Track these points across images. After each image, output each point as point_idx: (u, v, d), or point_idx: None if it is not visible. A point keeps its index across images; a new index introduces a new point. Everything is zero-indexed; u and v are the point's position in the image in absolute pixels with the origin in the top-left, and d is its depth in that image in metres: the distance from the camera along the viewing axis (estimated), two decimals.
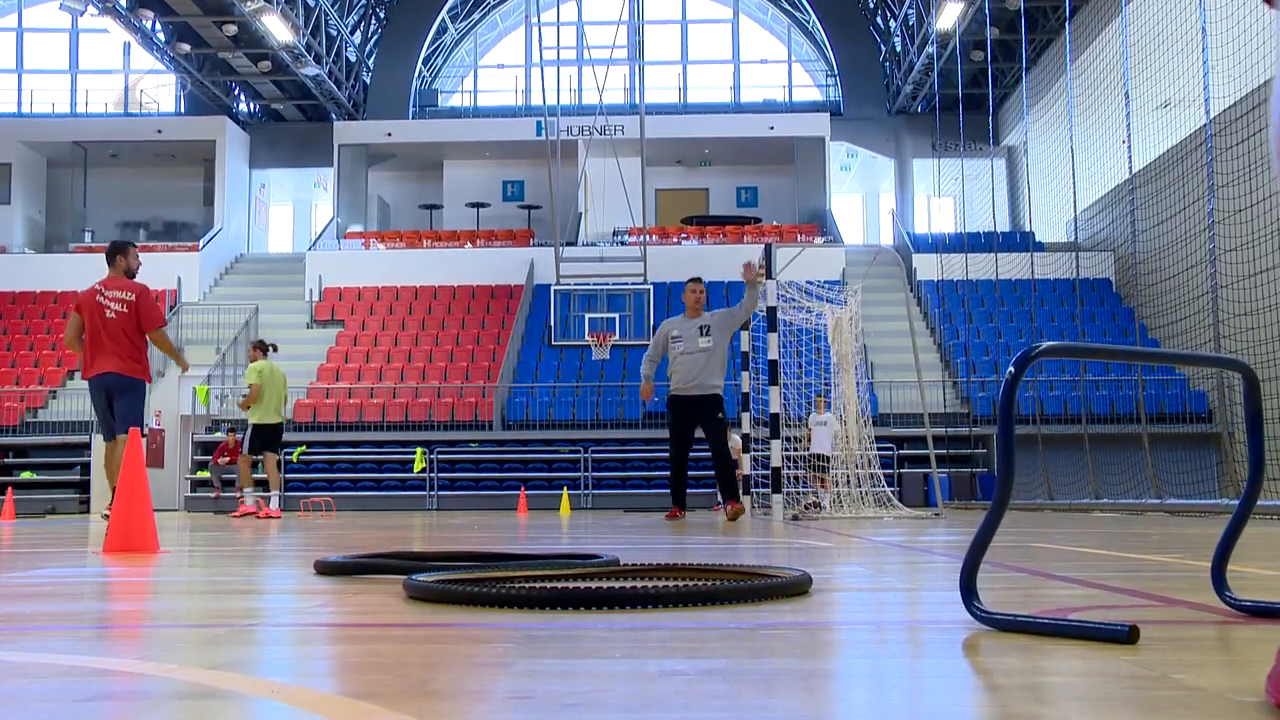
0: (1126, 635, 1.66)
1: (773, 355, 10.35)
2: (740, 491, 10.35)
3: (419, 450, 21.30)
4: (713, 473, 18.75)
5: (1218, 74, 13.34)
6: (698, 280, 10.44)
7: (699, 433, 10.16)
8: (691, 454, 10.46)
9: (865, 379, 14.50)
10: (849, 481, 11.89)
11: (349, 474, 21.56)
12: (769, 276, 10.59)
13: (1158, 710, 1.26)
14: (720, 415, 9.96)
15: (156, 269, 27.36)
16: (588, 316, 21.36)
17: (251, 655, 1.79)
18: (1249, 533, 5.94)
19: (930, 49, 27.24)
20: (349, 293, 27.21)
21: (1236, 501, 2.06)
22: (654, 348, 10.51)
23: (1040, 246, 25.51)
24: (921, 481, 19.44)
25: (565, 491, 19.32)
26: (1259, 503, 2.28)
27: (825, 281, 15.70)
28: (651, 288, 23.22)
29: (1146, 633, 1.71)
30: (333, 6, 29.49)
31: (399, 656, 1.71)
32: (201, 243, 28.95)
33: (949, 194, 28.97)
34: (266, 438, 12.43)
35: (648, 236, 24.11)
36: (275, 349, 13.02)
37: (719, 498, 19.30)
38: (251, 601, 2.78)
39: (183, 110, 32.63)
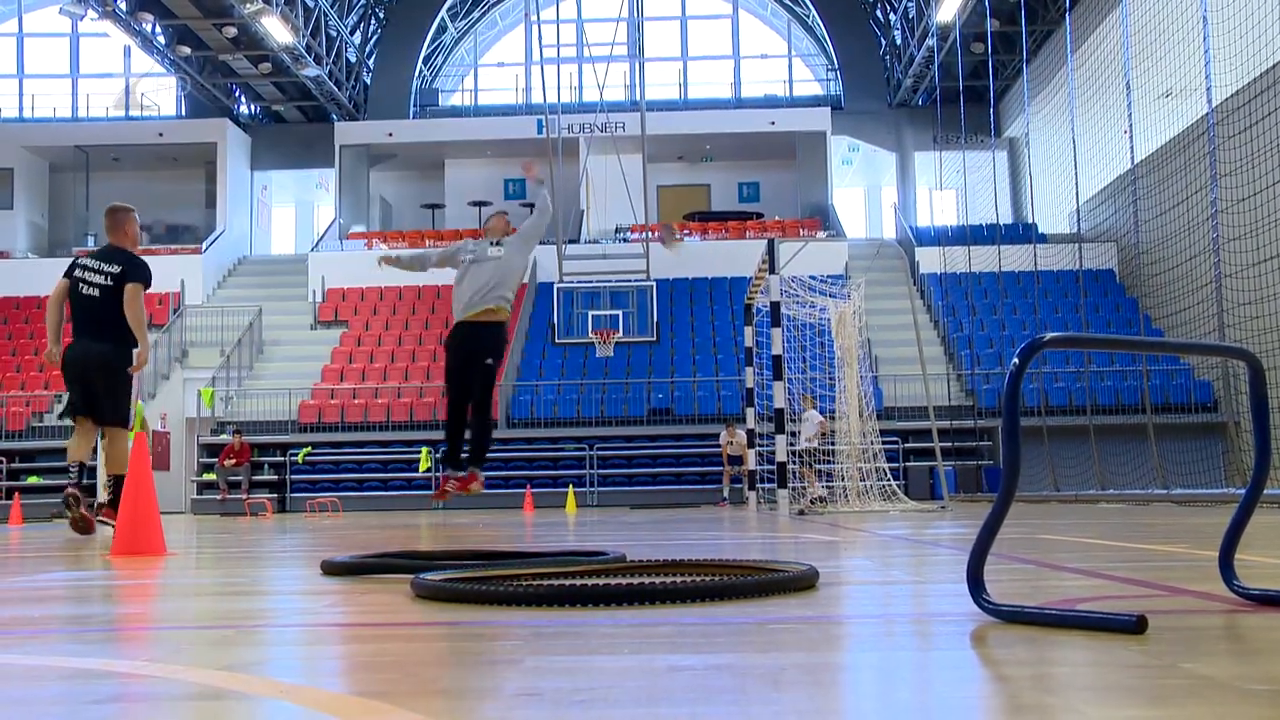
0: (1134, 625, 1.66)
1: (777, 350, 10.34)
2: (481, 461, 8.06)
3: (424, 450, 21.31)
4: (715, 467, 18.67)
5: (1219, 62, 13.31)
6: (503, 213, 8.42)
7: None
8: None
9: (869, 373, 14.48)
10: (853, 475, 11.87)
11: (354, 474, 21.58)
12: (771, 271, 10.56)
13: (1166, 699, 1.25)
14: (490, 361, 7.60)
15: (160, 272, 27.29)
16: (591, 314, 21.32)
17: (260, 656, 1.80)
18: (1256, 521, 5.93)
19: (930, 41, 27.20)
20: (352, 293, 27.22)
21: (1243, 491, 2.06)
22: (440, 256, 8.37)
23: (1043, 238, 25.47)
24: (927, 475, 19.43)
25: (571, 489, 19.33)
26: (1265, 491, 2.28)
27: (828, 276, 15.70)
28: (655, 284, 23.21)
29: (1154, 622, 1.71)
30: (332, 7, 29.48)
31: (408, 655, 1.71)
32: (204, 245, 28.97)
33: (951, 186, 28.92)
34: None
35: (650, 233, 24.09)
36: None
37: (724, 493, 19.36)
38: (259, 602, 2.79)
39: (184, 113, 32.66)
